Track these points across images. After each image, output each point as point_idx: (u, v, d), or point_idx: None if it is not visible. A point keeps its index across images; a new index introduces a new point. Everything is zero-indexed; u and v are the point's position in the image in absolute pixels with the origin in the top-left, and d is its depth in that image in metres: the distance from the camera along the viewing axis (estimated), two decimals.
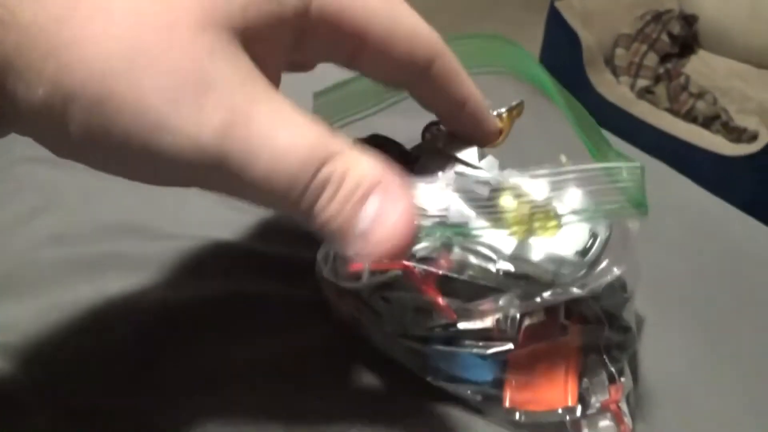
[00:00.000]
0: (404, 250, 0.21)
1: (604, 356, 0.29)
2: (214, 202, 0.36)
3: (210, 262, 0.35)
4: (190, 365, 0.31)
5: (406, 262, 0.27)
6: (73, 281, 0.33)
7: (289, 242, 0.35)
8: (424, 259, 0.27)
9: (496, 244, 0.27)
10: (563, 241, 0.27)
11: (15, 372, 0.29)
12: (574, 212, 0.26)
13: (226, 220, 0.36)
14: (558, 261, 0.26)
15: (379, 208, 0.20)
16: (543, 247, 0.26)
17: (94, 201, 0.37)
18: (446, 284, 0.27)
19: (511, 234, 0.27)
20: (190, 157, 0.19)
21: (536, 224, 0.27)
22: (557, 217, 0.27)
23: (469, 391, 0.29)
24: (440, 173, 0.28)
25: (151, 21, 0.19)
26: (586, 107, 0.29)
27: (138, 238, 0.36)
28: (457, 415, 0.29)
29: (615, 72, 1.34)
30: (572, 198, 0.27)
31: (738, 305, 0.38)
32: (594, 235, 0.27)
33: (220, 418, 0.29)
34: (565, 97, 0.29)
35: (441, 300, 0.27)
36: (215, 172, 0.20)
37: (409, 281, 0.27)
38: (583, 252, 0.27)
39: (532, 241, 0.27)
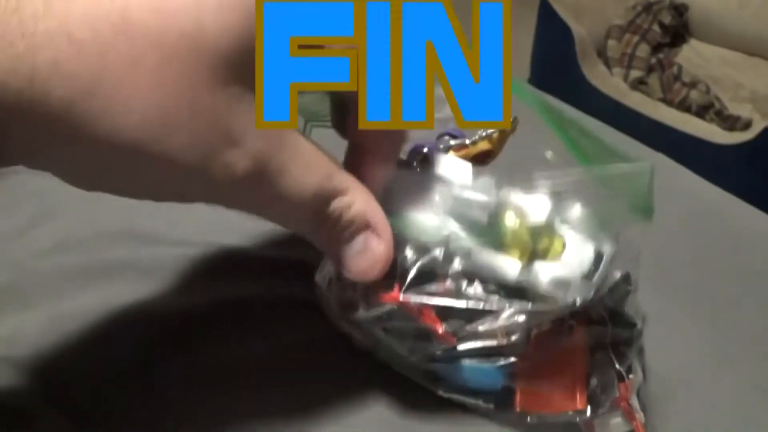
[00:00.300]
0: (378, 277, 0.25)
1: (611, 354, 0.28)
2: (214, 208, 0.36)
3: (211, 267, 0.35)
4: (194, 369, 0.31)
5: (401, 298, 0.26)
6: (77, 290, 0.33)
7: (289, 245, 0.35)
8: (420, 280, 0.26)
9: (500, 270, 0.26)
10: (568, 263, 0.26)
11: (21, 384, 0.29)
12: (578, 229, 0.26)
13: (227, 225, 0.36)
14: (564, 286, 0.26)
15: (364, 244, 0.25)
16: (548, 271, 0.26)
17: (96, 208, 0.37)
18: (446, 307, 0.26)
19: (514, 259, 0.26)
20: (218, 195, 0.23)
21: (539, 246, 0.26)
22: (560, 237, 0.26)
23: (480, 401, 0.29)
24: (437, 197, 0.27)
25: (174, 87, 0.20)
26: (580, 100, 0.28)
27: (139, 244, 0.36)
28: (467, 419, 0.29)
29: (607, 64, 1.34)
30: (574, 213, 0.26)
31: (739, 290, 0.38)
32: (599, 255, 0.26)
33: (224, 419, 0.29)
34: (551, 110, 0.28)
35: (440, 328, 0.26)
36: (237, 199, 0.23)
37: (406, 312, 0.26)
38: (589, 274, 0.26)
39: (537, 265, 0.26)
